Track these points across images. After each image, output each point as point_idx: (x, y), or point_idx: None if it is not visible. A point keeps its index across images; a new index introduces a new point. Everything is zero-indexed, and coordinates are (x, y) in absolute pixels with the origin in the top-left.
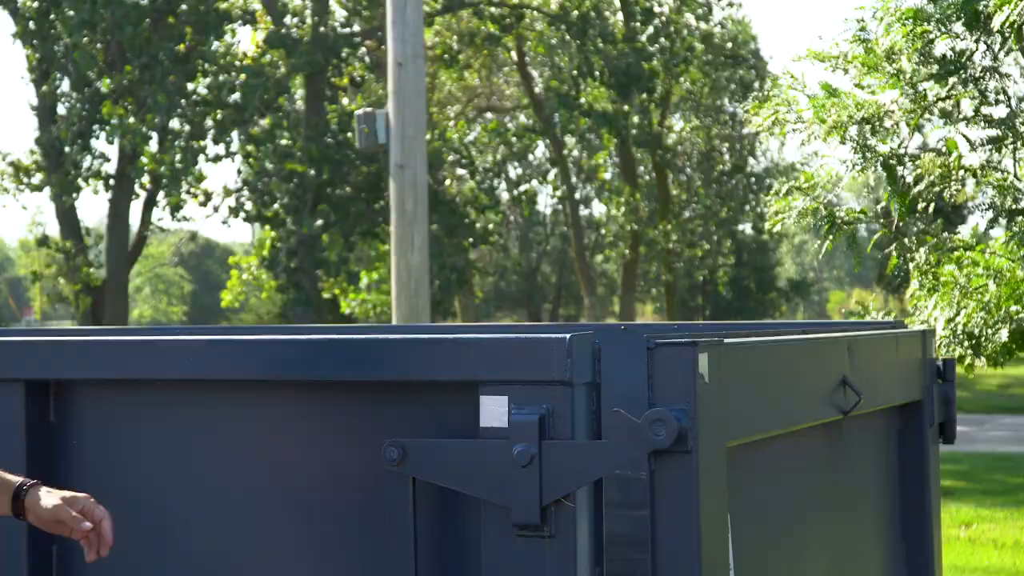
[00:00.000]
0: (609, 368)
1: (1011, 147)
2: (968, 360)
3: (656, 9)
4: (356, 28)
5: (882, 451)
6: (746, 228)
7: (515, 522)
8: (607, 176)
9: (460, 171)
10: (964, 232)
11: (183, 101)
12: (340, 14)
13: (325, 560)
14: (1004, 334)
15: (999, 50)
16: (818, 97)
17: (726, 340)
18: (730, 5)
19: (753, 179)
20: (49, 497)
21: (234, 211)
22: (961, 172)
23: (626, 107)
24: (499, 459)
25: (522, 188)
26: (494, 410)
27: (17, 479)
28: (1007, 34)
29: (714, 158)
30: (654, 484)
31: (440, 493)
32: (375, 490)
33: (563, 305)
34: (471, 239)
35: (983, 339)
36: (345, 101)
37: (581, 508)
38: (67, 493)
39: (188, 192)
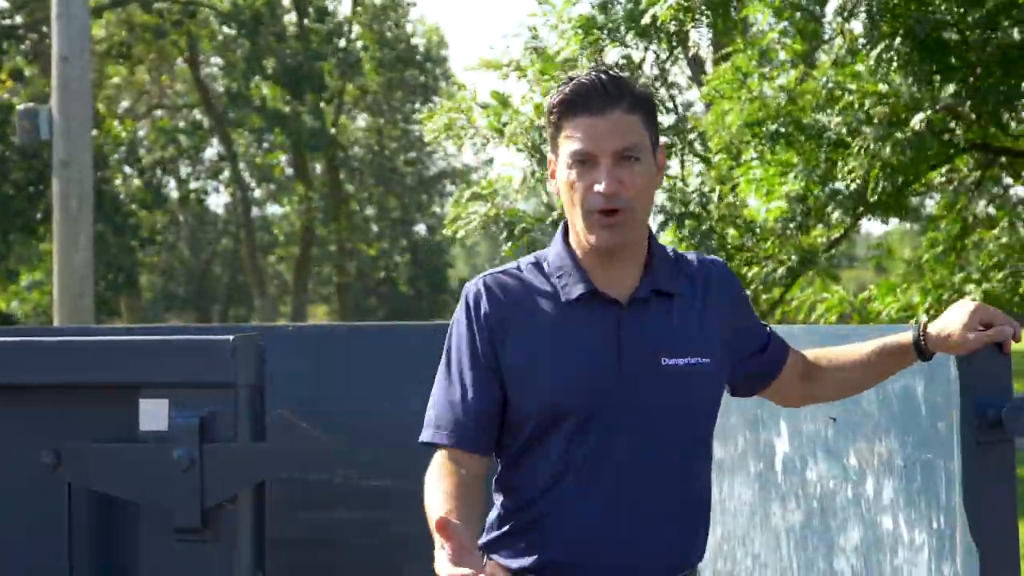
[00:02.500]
0: (275, 369)
1: (679, 153)
2: None
3: (331, 8)
4: (19, 20)
5: None
6: (420, 229)
7: (176, 526)
8: (282, 177)
9: (127, 169)
10: None
11: None
12: (1, 5)
13: None
14: None
15: (666, 59)
16: (491, 106)
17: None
18: (412, 5)
19: (428, 179)
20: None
21: None
22: None
23: (299, 106)
24: (159, 463)
25: (192, 187)
26: (154, 413)
27: (909, 333)
28: (674, 42)
29: (387, 157)
30: None
31: (99, 498)
32: (31, 495)
33: (234, 306)
34: (138, 239)
35: None
36: (5, 95)
37: (244, 511)
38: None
39: None
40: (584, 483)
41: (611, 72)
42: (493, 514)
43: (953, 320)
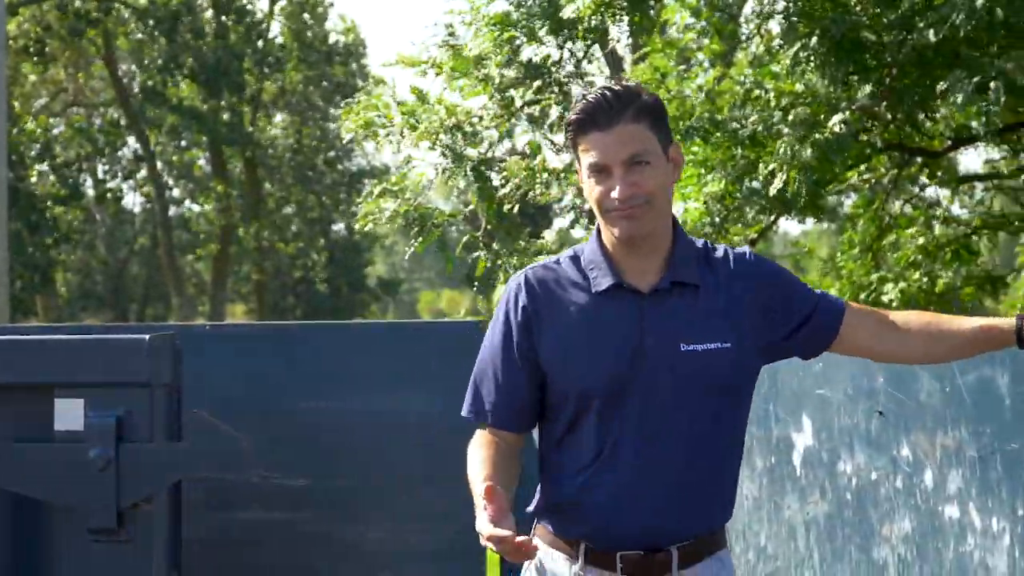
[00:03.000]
0: (192, 369)
1: None
2: None
3: (249, 7)
4: None
5: None
6: (340, 228)
7: (91, 527)
8: (201, 175)
9: (43, 167)
10: (550, 235)
11: None
12: None
13: None
14: None
15: (582, 57)
16: (407, 103)
17: None
18: (330, 5)
19: (348, 178)
20: None
21: None
22: (545, 175)
23: (217, 104)
24: (74, 462)
25: (109, 185)
26: (69, 413)
27: (1011, 320)
28: (590, 40)
29: (306, 155)
30: None
31: (14, 498)
32: None
33: (151, 305)
34: (54, 237)
35: None
36: None
37: (160, 511)
38: None
39: None
40: (615, 462)
41: (616, 87)
42: (539, 489)
43: None
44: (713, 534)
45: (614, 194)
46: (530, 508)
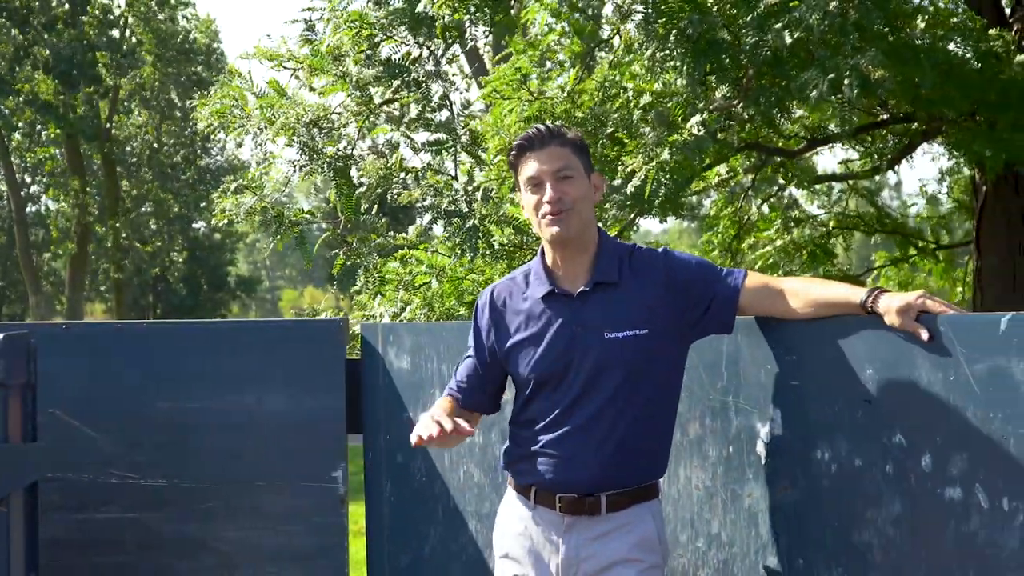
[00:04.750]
0: (47, 368)
1: (452, 151)
2: None
3: (105, 2)
4: None
5: None
6: (201, 227)
7: None
8: (56, 171)
9: None
10: (412, 231)
11: None
12: None
13: None
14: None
15: (441, 55)
16: (267, 96)
17: None
18: (186, 5)
19: (208, 176)
20: (896, 298)
21: None
22: (403, 174)
23: (73, 98)
24: None
25: None
26: None
27: (861, 291)
28: (450, 38)
29: (165, 153)
30: None
31: None
32: None
33: (8, 304)
34: None
35: None
36: None
37: (16, 512)
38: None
39: None
40: (557, 428)
41: (548, 125)
42: (505, 449)
43: (898, 302)
44: (641, 486)
45: (545, 198)
46: (501, 463)
